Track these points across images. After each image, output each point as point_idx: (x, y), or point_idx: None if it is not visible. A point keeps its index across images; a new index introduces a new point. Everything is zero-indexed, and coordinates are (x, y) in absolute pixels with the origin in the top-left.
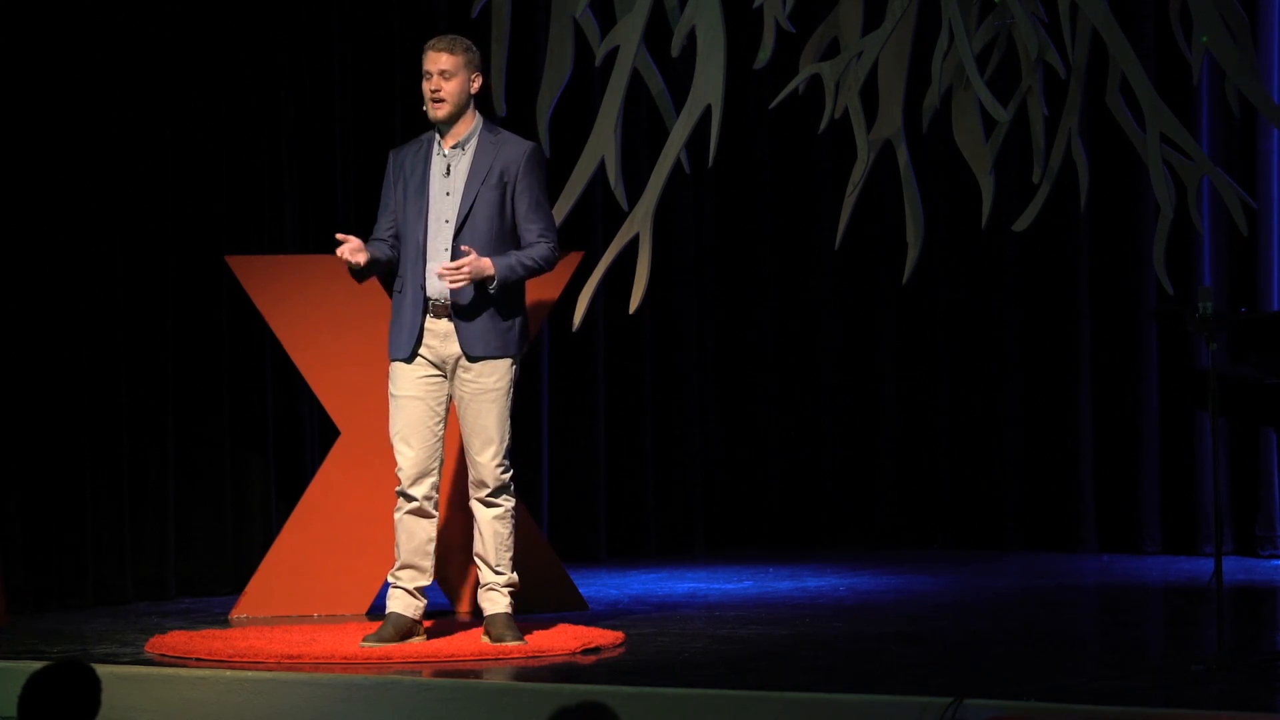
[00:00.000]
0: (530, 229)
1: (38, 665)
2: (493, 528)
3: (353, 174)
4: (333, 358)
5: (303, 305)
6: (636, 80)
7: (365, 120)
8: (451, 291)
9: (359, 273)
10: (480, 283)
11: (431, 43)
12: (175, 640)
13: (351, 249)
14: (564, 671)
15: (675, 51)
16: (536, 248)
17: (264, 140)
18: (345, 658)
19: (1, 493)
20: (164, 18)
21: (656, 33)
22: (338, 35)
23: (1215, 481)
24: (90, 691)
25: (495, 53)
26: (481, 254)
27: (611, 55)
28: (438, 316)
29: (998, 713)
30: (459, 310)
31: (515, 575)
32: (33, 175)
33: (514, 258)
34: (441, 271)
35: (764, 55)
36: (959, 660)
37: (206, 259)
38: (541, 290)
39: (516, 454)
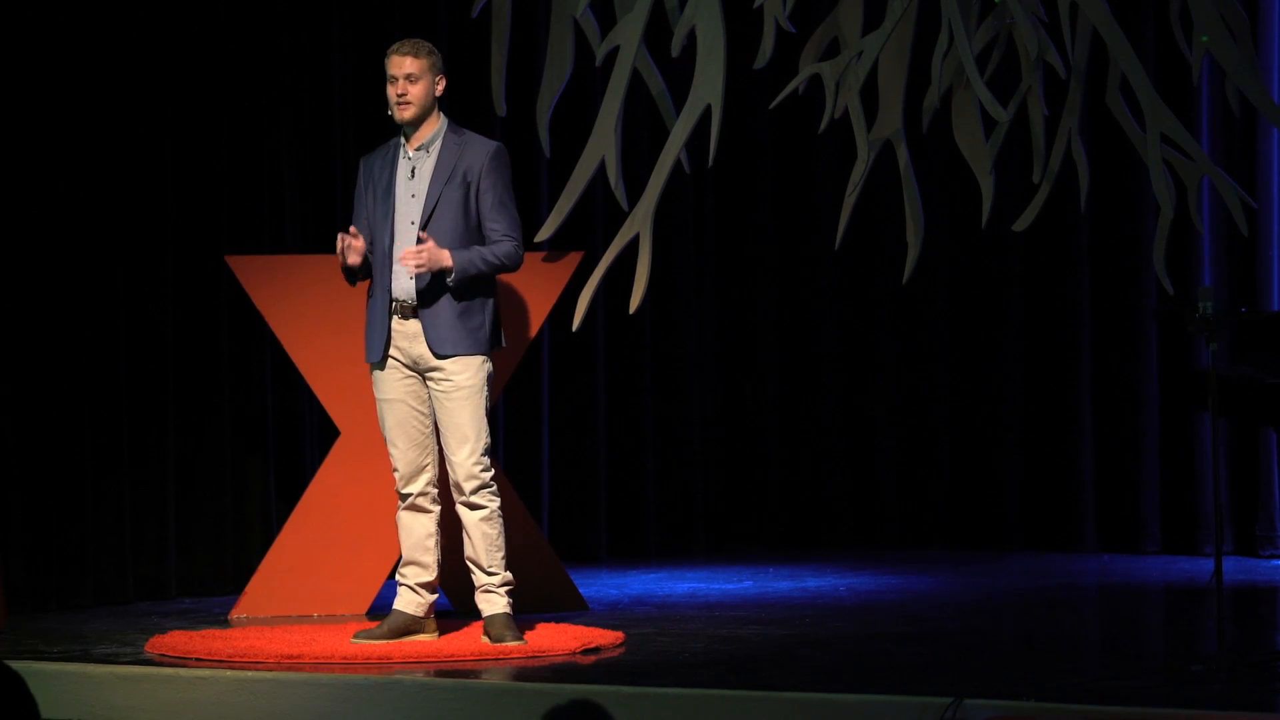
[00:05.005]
0: (494, 228)
1: (38, 665)
2: (480, 530)
3: (353, 174)
4: (333, 358)
5: (303, 305)
6: (636, 80)
7: (365, 120)
8: (412, 279)
9: (352, 275)
10: (439, 274)
11: (395, 47)
12: (175, 640)
13: (355, 248)
14: (564, 671)
15: (675, 51)
16: (500, 245)
17: (264, 140)
18: (345, 658)
19: (2, 493)
20: (165, 17)
21: (656, 33)
22: (338, 35)
23: (1215, 481)
24: (19, 697)
25: (495, 53)
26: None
27: (611, 55)
28: (405, 318)
29: (998, 713)
30: (423, 302)
31: (509, 574)
32: (33, 176)
33: (475, 252)
34: (402, 255)
35: (764, 55)
36: (959, 660)
37: (206, 259)
38: (541, 291)
39: (517, 454)
